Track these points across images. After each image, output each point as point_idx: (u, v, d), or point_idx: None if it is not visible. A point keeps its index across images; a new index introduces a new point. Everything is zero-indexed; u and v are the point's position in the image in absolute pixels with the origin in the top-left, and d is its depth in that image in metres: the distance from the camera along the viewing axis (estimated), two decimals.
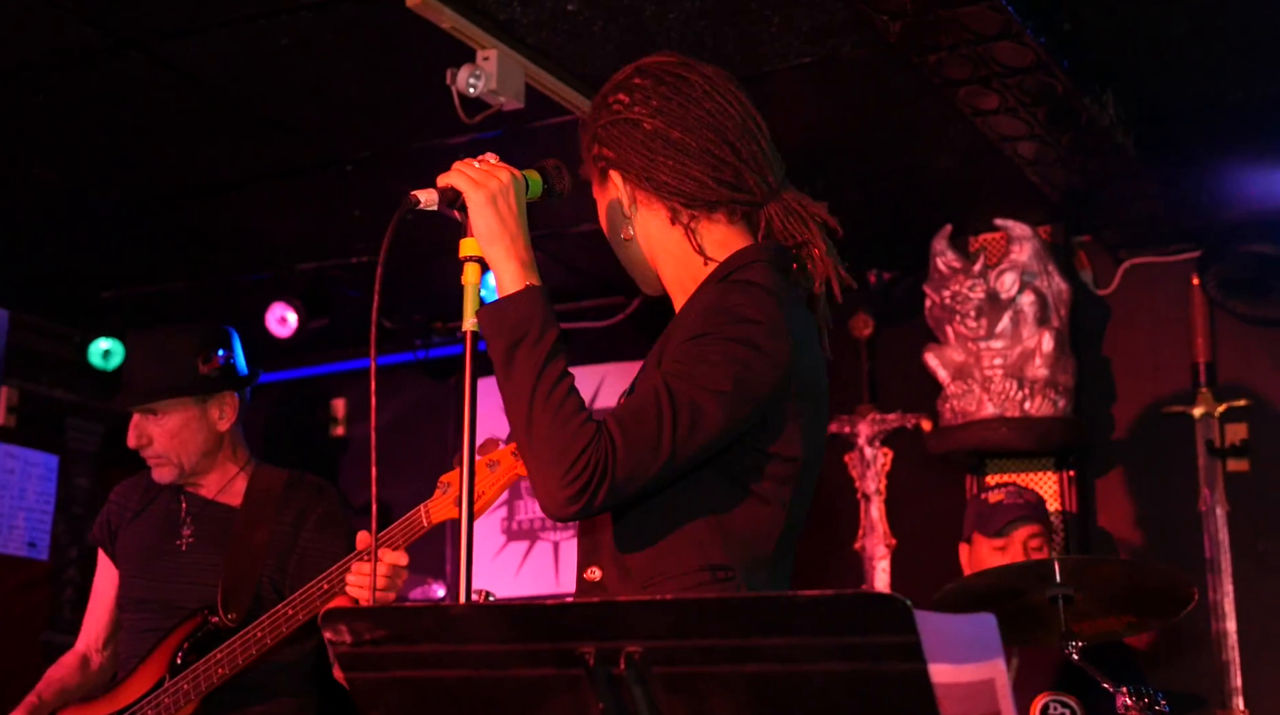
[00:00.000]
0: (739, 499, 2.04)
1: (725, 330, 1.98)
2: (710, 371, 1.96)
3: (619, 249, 2.23)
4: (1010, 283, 4.92)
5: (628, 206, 2.16)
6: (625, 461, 1.91)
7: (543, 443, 1.92)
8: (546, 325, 1.96)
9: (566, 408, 1.93)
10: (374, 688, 1.65)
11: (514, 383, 1.95)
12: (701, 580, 2.01)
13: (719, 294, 2.04)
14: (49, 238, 5.46)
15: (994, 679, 1.58)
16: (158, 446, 3.28)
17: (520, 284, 1.99)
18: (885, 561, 5.36)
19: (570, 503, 1.91)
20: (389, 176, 4.59)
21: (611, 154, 2.15)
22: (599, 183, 2.20)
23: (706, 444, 1.97)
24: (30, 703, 3.24)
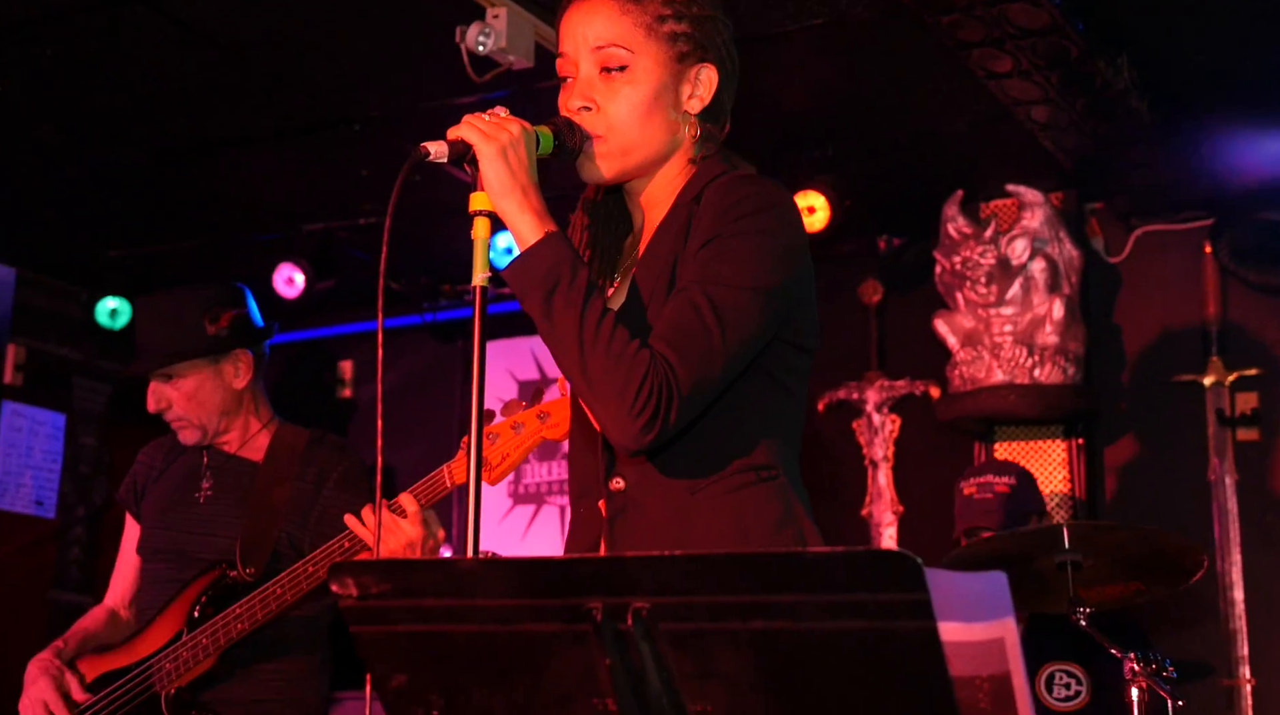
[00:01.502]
0: (771, 394, 2.05)
1: (744, 223, 1.99)
2: (741, 270, 1.97)
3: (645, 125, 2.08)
4: (1021, 249, 4.90)
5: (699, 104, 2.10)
6: (686, 378, 1.91)
7: (602, 380, 1.91)
8: (576, 266, 1.95)
9: (617, 342, 1.92)
10: (380, 641, 1.64)
11: (559, 330, 1.94)
12: (748, 481, 2.01)
13: (724, 192, 2.03)
14: (56, 196, 5.45)
15: (1004, 638, 1.57)
16: (177, 409, 3.29)
17: (539, 232, 1.96)
18: (892, 528, 5.36)
19: (646, 431, 1.90)
20: (397, 136, 4.56)
21: (711, 51, 2.10)
22: (670, 58, 2.07)
23: (755, 342, 1.98)
24: (56, 647, 3.25)
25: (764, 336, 2.00)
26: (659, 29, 2.08)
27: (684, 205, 2.08)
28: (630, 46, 2.06)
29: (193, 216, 5.64)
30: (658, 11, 2.08)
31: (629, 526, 2.03)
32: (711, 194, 2.04)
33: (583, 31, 2.09)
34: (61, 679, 3.16)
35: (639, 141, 2.08)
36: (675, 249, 2.05)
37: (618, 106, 2.07)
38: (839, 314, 5.48)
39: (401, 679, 1.66)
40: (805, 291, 2.07)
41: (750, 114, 4.52)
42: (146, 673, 3.12)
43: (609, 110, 2.07)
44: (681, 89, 2.09)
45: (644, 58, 2.07)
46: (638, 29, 2.07)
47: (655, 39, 2.07)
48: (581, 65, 2.09)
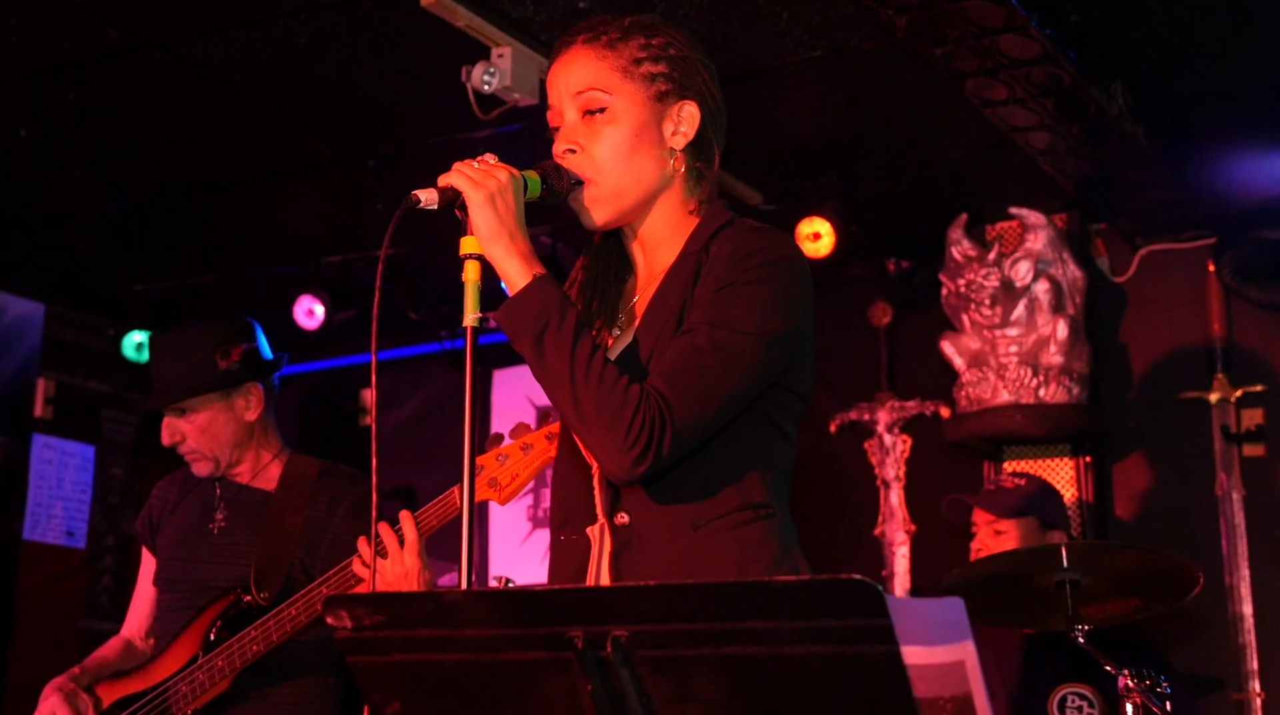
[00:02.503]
0: (769, 437, 2.11)
1: (756, 273, 2.05)
2: (748, 316, 2.03)
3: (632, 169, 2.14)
4: (1025, 271, 4.95)
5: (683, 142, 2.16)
6: (681, 413, 1.97)
7: (594, 415, 1.97)
8: (565, 306, 2.01)
9: (608, 378, 1.98)
10: (374, 671, 1.70)
11: (550, 369, 1.99)
12: (746, 518, 2.07)
13: (737, 242, 2.09)
14: (82, 234, 5.57)
15: (964, 660, 1.63)
16: (191, 442, 3.37)
17: (527, 276, 2.02)
18: (905, 547, 5.40)
19: (637, 463, 1.96)
20: (410, 171, 4.59)
21: (686, 83, 2.17)
22: (649, 99, 2.15)
23: (754, 386, 2.04)
24: (72, 673, 3.33)
25: (763, 382, 2.06)
26: (636, 70, 2.14)
27: (692, 254, 2.13)
28: (607, 89, 2.13)
29: (215, 251, 5.75)
30: (634, 55, 2.15)
31: (634, 560, 2.08)
32: (723, 243, 2.11)
33: (564, 81, 2.16)
34: (75, 699, 3.23)
35: (628, 182, 2.14)
36: (683, 297, 2.11)
37: (600, 147, 2.13)
38: (849, 336, 5.55)
39: (396, 706, 1.70)
40: (807, 343, 2.13)
41: (755, 143, 4.64)
42: (163, 696, 3.19)
43: (593, 151, 2.13)
44: (664, 126, 2.15)
45: (621, 98, 2.13)
46: (614, 72, 2.14)
47: (632, 80, 2.14)
48: (566, 113, 2.16)
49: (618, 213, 2.16)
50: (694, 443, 2.02)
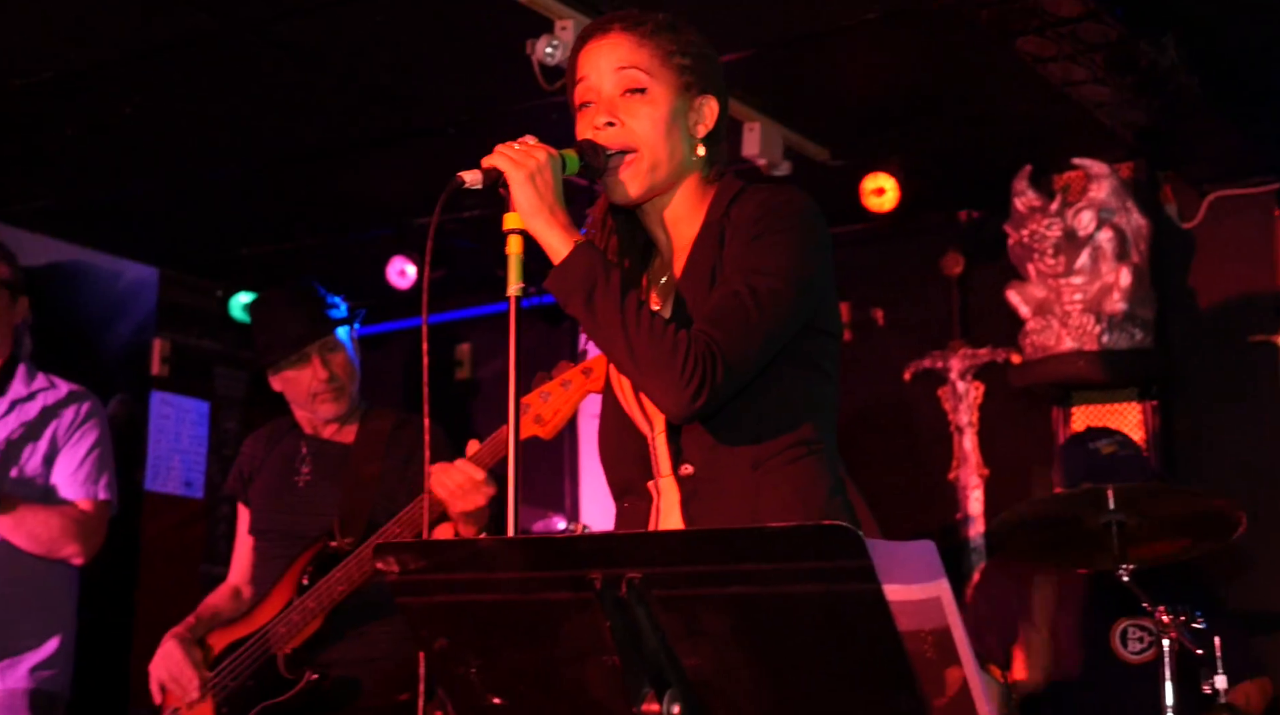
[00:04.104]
0: (811, 377, 2.28)
1: (777, 223, 2.22)
2: (777, 261, 2.19)
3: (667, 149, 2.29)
4: (1088, 220, 5.00)
5: (706, 130, 2.34)
6: (730, 349, 2.12)
7: (649, 358, 2.11)
8: (608, 267, 2.17)
9: (657, 325, 2.12)
10: (421, 610, 1.89)
11: (603, 324, 2.15)
12: (800, 454, 2.24)
13: (759, 201, 2.26)
14: (190, 202, 5.85)
15: (940, 596, 1.80)
16: (341, 375, 3.60)
17: (569, 244, 2.19)
18: (979, 491, 5.51)
19: (695, 398, 2.10)
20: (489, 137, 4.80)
21: (707, 80, 2.34)
22: (679, 88, 2.31)
23: (789, 323, 2.20)
24: (188, 623, 3.60)
25: (796, 321, 2.22)
26: (670, 61, 2.31)
27: (715, 222, 2.31)
28: (649, 71, 2.29)
29: (312, 216, 6.00)
30: (667, 47, 2.32)
31: (703, 504, 2.24)
32: (743, 206, 2.28)
33: (606, 58, 2.32)
34: (189, 647, 3.50)
35: (663, 157, 2.29)
36: (713, 260, 2.28)
37: (640, 122, 2.28)
38: (923, 286, 5.65)
39: (443, 642, 1.89)
40: (829, 285, 2.30)
41: (821, 102, 4.76)
42: (264, 638, 3.43)
43: (632, 126, 2.28)
44: (690, 116, 2.33)
45: (659, 83, 2.30)
46: (654, 59, 2.30)
47: (668, 68, 2.31)
48: (604, 88, 2.31)
49: (652, 184, 2.30)
50: (743, 378, 2.17)
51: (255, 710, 3.40)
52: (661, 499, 2.31)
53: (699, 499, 2.25)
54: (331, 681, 3.39)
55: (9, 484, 3.74)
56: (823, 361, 2.29)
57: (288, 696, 3.37)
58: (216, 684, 3.48)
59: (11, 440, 3.81)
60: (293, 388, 3.63)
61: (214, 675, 3.49)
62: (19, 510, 3.66)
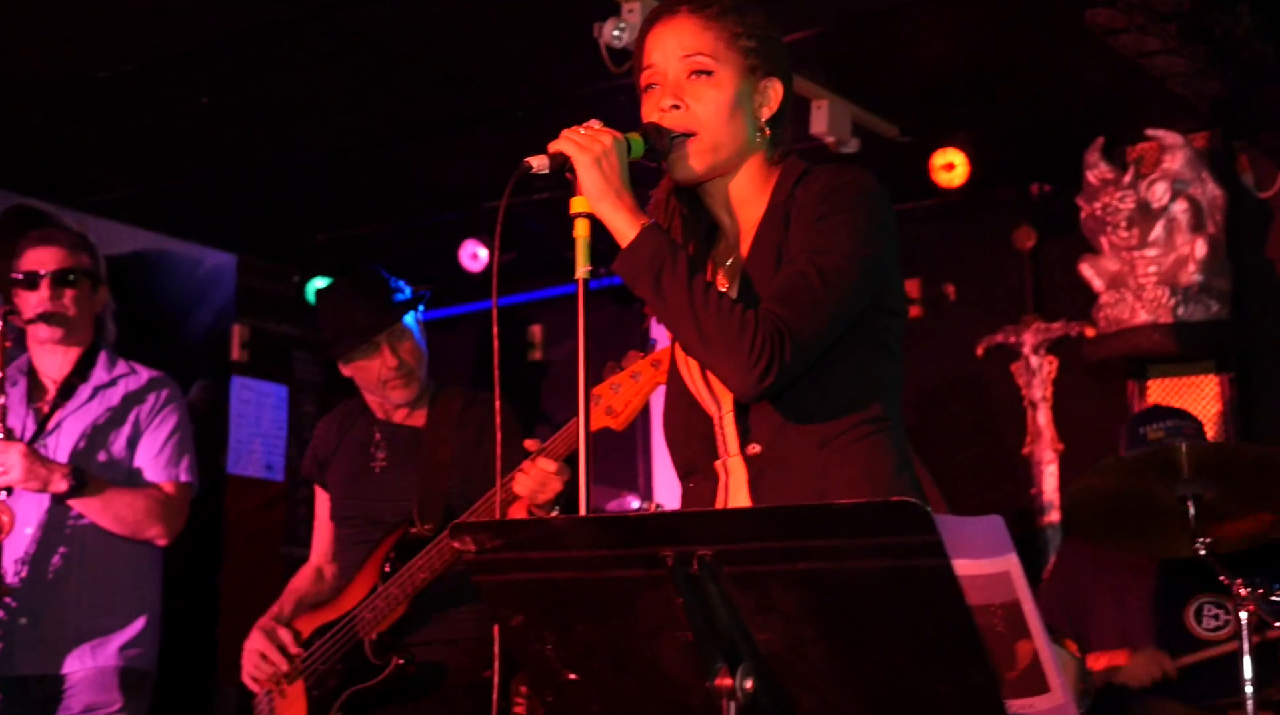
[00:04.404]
0: (877, 356, 2.29)
1: (842, 203, 2.23)
2: (842, 241, 2.20)
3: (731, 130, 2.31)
4: (1161, 192, 4.94)
5: (770, 112, 2.36)
6: (797, 327, 2.14)
7: (718, 337, 2.13)
8: (675, 249, 2.20)
9: (725, 304, 2.14)
10: (497, 588, 1.93)
11: (671, 304, 2.17)
12: (867, 431, 2.26)
13: (824, 181, 2.28)
14: (268, 190, 5.93)
15: (1009, 571, 1.81)
16: (409, 361, 3.64)
17: (636, 227, 2.22)
18: (1054, 466, 5.48)
19: (765, 376, 2.12)
20: (558, 120, 4.84)
21: (773, 63, 2.36)
22: (744, 70, 2.33)
23: (855, 301, 2.21)
24: (274, 613, 3.67)
25: (862, 299, 2.23)
26: (736, 44, 2.33)
27: (780, 204, 2.32)
28: (714, 55, 2.31)
29: (385, 201, 6.07)
30: (733, 30, 2.34)
31: (771, 483, 2.26)
32: (808, 186, 2.29)
33: (672, 42, 2.34)
34: (275, 635, 3.57)
35: (725, 138, 2.31)
36: (779, 241, 2.29)
37: (704, 106, 2.30)
38: (994, 260, 5.61)
39: (519, 619, 1.94)
40: (895, 264, 2.31)
41: (890, 78, 4.74)
42: (351, 623, 3.50)
43: (696, 109, 2.30)
44: (755, 99, 2.35)
45: (725, 66, 2.32)
46: (719, 42, 2.32)
47: (734, 51, 2.33)
48: (670, 71, 2.34)
49: (714, 164, 2.32)
50: (811, 356, 2.18)
51: (346, 694, 3.47)
52: (729, 478, 2.33)
53: (766, 477, 2.27)
54: (417, 666, 3.45)
55: (96, 467, 3.84)
56: (889, 340, 2.31)
57: (376, 681, 3.45)
58: (308, 666, 3.55)
59: (97, 425, 3.91)
60: (363, 375, 3.68)
61: (306, 657, 3.56)
62: (106, 493, 3.77)
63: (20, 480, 3.65)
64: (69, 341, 3.95)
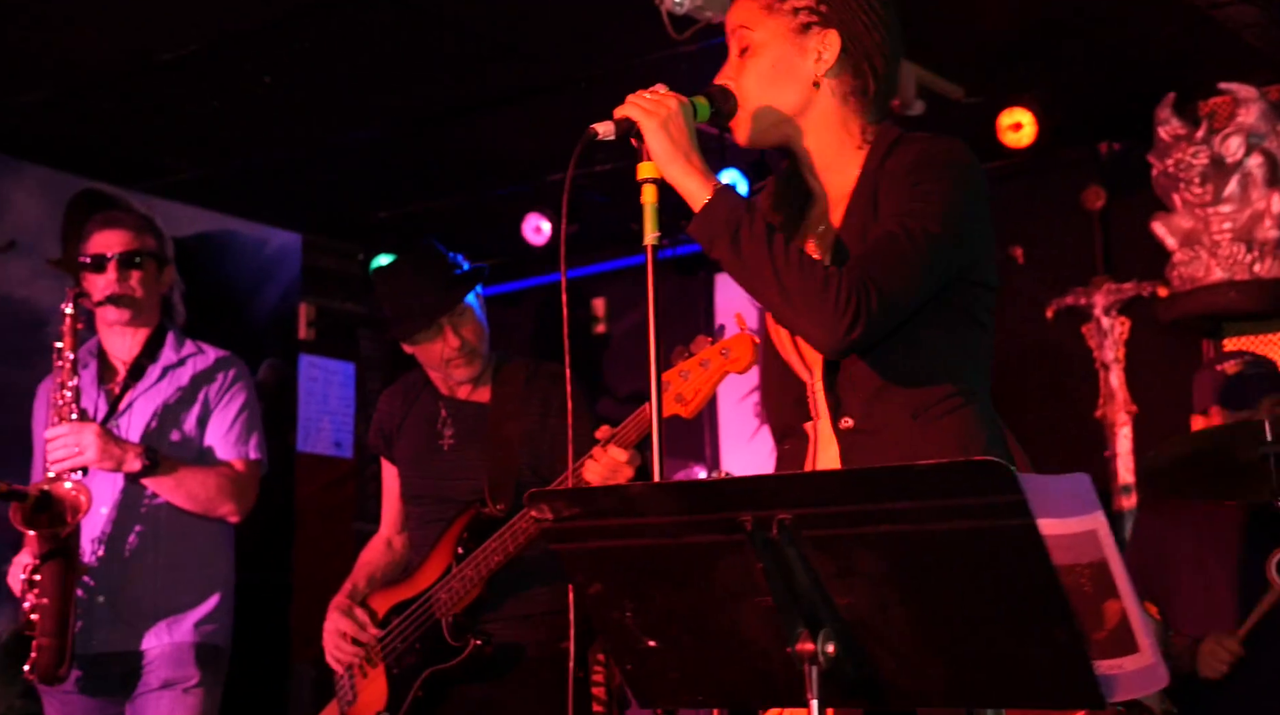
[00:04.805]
0: (968, 329, 2.27)
1: (934, 172, 2.20)
2: (932, 207, 2.17)
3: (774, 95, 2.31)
4: (1236, 146, 4.85)
5: (824, 69, 2.31)
6: (884, 284, 2.11)
7: (801, 293, 2.10)
8: (751, 208, 2.18)
9: (806, 260, 2.12)
10: (576, 556, 1.93)
11: (750, 263, 2.14)
12: (958, 404, 2.23)
13: (916, 150, 2.24)
14: (330, 168, 5.96)
15: (1096, 530, 1.77)
16: (472, 340, 3.60)
17: (709, 189, 2.20)
18: (1127, 428, 5.40)
19: (850, 330, 2.09)
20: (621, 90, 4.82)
21: (831, 13, 2.30)
22: (793, 31, 2.31)
23: (943, 267, 2.18)
24: (347, 589, 3.68)
25: (951, 266, 2.20)
26: (781, 6, 2.31)
27: (871, 173, 2.29)
28: (751, 25, 2.32)
29: (447, 176, 6.06)
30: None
31: (862, 456, 2.24)
32: (900, 156, 2.26)
33: (731, 18, 2.37)
34: (353, 614, 3.58)
35: (763, 107, 2.31)
36: (869, 211, 2.26)
37: (745, 79, 2.32)
38: (1063, 221, 5.53)
39: (598, 587, 1.93)
40: (986, 237, 2.28)
41: (954, 38, 4.67)
42: (427, 603, 3.50)
43: (740, 84, 2.32)
44: (806, 57, 2.31)
45: (763, 32, 2.32)
46: (760, 10, 2.33)
47: (775, 15, 2.31)
48: (730, 49, 2.36)
49: (756, 132, 2.33)
50: (897, 314, 2.15)
51: (425, 674, 3.48)
52: (819, 439, 2.32)
53: (858, 451, 2.25)
54: (495, 647, 3.45)
55: (168, 446, 3.88)
56: (979, 313, 2.28)
57: (455, 663, 3.45)
58: (386, 645, 3.57)
59: (168, 405, 3.95)
60: (425, 354, 3.66)
61: (384, 636, 3.58)
62: (179, 472, 3.81)
63: (95, 460, 3.69)
64: (136, 323, 3.98)
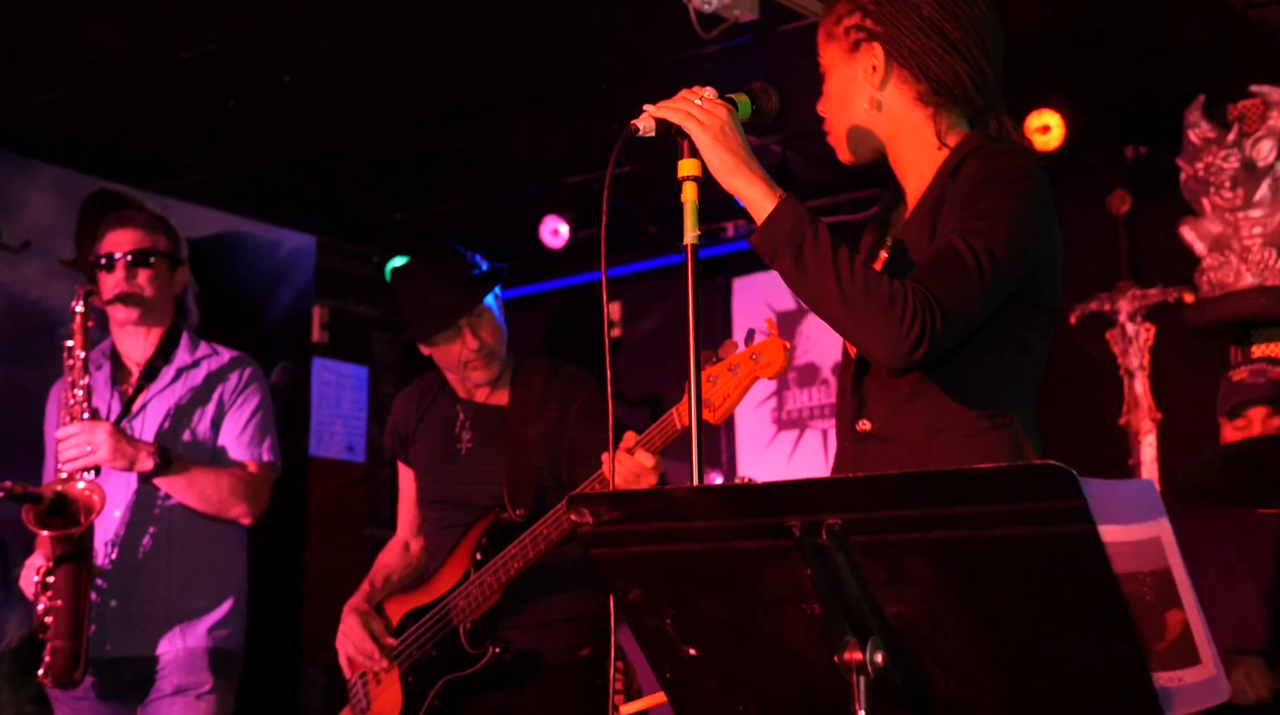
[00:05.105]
0: (1009, 350, 2.22)
1: (1003, 188, 2.17)
2: (995, 226, 2.14)
3: (849, 116, 2.36)
4: (1267, 150, 4.80)
5: (879, 81, 2.31)
6: (947, 301, 2.09)
7: (865, 309, 2.08)
8: (815, 221, 2.15)
9: (871, 275, 2.10)
10: (615, 561, 1.89)
11: (813, 277, 2.12)
12: (980, 427, 2.19)
13: (983, 163, 2.22)
14: (344, 169, 5.90)
15: (1160, 537, 1.73)
16: (490, 342, 3.54)
17: (773, 199, 2.17)
18: (1152, 436, 5.35)
19: (915, 348, 2.07)
20: (642, 91, 4.75)
21: (880, 28, 2.29)
22: (846, 51, 2.34)
23: (1006, 285, 2.15)
24: (364, 592, 3.64)
25: (1013, 283, 2.16)
26: (836, 30, 2.34)
27: (944, 178, 2.27)
28: (821, 53, 2.39)
29: (464, 178, 6.00)
30: (837, 15, 2.35)
31: (871, 464, 2.23)
32: (971, 166, 2.23)
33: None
34: (370, 621, 3.53)
35: (839, 129, 2.38)
36: (934, 218, 2.24)
37: (825, 106, 2.42)
38: (1088, 226, 5.47)
39: (637, 593, 1.89)
40: (1051, 257, 2.24)
41: None
42: (445, 610, 3.45)
43: (825, 110, 2.41)
44: (862, 74, 2.32)
45: (827, 58, 2.38)
46: (825, 39, 2.38)
47: (834, 40, 2.36)
48: None
49: (844, 153, 2.39)
50: (960, 333, 2.12)
51: (441, 682, 3.43)
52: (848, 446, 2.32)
53: (868, 455, 2.24)
54: (514, 654, 3.40)
55: (181, 447, 3.86)
56: (1026, 334, 2.23)
57: (472, 671, 3.40)
58: (401, 652, 3.52)
59: (181, 406, 3.93)
60: (443, 356, 3.60)
61: (399, 643, 3.53)
62: (192, 472, 3.80)
63: (108, 459, 3.68)
64: (148, 322, 3.97)
